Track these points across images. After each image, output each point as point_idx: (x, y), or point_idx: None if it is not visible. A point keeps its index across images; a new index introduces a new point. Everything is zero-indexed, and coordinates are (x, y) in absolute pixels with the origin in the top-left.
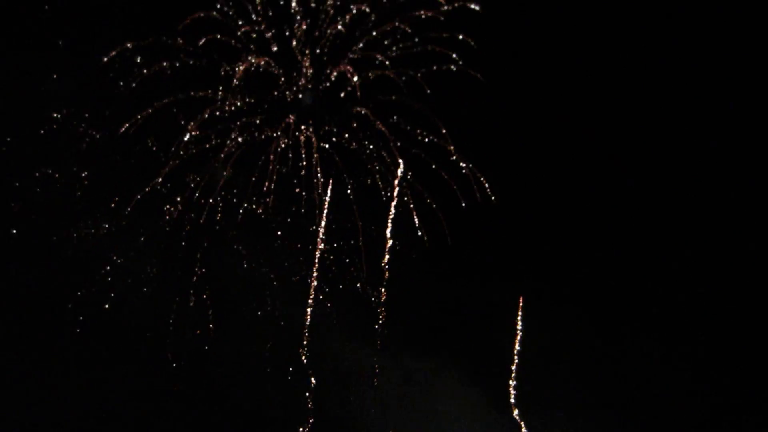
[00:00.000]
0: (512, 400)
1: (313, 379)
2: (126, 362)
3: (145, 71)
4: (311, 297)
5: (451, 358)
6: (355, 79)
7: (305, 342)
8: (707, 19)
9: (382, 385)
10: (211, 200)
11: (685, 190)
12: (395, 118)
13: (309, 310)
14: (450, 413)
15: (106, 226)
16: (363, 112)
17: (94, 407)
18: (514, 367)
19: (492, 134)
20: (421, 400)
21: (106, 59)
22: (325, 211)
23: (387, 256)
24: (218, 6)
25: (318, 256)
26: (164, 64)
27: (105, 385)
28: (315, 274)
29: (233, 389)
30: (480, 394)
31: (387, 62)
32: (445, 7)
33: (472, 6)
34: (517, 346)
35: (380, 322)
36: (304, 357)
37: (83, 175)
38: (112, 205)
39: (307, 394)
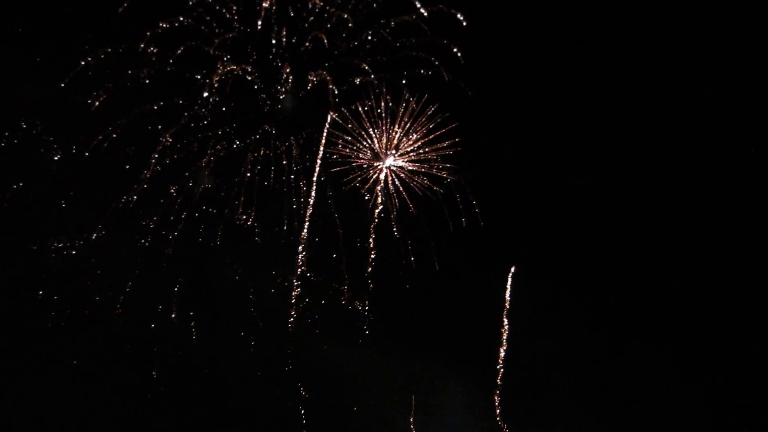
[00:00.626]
0: (498, 416)
1: (303, 391)
2: (107, 375)
3: (113, 82)
4: (293, 307)
5: (444, 363)
6: (335, 89)
7: (290, 351)
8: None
9: (369, 392)
10: (189, 210)
11: (677, 195)
12: (378, 122)
13: (291, 319)
14: (441, 417)
15: (85, 236)
16: (338, 118)
17: (74, 419)
18: (499, 380)
19: (478, 140)
20: (410, 404)
21: (81, 65)
22: (307, 221)
23: (370, 268)
24: (194, 14)
25: (300, 265)
26: (138, 72)
27: (85, 399)
28: (297, 283)
29: (222, 404)
30: (472, 399)
31: (368, 68)
32: (425, 13)
33: (458, 15)
34: (501, 357)
35: (366, 333)
36: (288, 367)
37: (60, 186)
38: (90, 218)
39: (300, 407)
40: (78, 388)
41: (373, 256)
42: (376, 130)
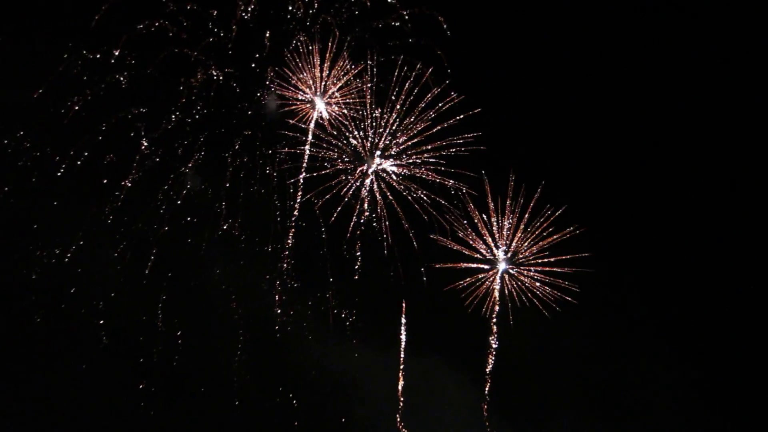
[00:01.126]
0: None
1: (294, 401)
2: (93, 386)
3: (92, 87)
4: (279, 315)
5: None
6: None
7: (278, 359)
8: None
9: (358, 397)
10: (173, 217)
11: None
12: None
13: (277, 327)
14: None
15: (61, 250)
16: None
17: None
18: (487, 390)
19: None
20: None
21: (60, 70)
22: (292, 230)
23: (357, 276)
24: (173, 19)
25: (285, 273)
26: (118, 77)
27: (71, 410)
28: (281, 289)
29: (210, 414)
30: (462, 403)
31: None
32: (405, 14)
33: (439, 18)
34: (489, 366)
35: (353, 342)
36: (277, 377)
37: (41, 194)
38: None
39: (291, 415)
40: (63, 400)
41: (359, 264)
42: (359, 133)
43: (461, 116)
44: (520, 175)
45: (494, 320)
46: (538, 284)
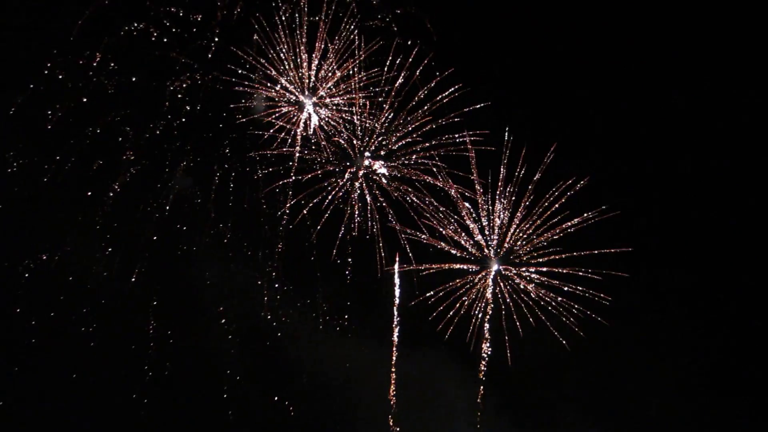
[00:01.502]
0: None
1: (291, 409)
2: (85, 394)
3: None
4: (270, 317)
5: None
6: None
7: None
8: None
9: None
10: (163, 222)
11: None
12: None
13: (269, 331)
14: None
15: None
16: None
17: None
18: (480, 396)
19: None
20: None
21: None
22: (282, 232)
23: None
24: (158, 23)
25: (275, 278)
26: (106, 81)
27: (64, 421)
28: (268, 291)
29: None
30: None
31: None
32: (389, 16)
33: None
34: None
35: (346, 347)
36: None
37: (29, 200)
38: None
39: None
40: (54, 408)
41: (350, 266)
42: (349, 134)
43: (453, 114)
44: (521, 133)
45: (487, 326)
46: (533, 287)
